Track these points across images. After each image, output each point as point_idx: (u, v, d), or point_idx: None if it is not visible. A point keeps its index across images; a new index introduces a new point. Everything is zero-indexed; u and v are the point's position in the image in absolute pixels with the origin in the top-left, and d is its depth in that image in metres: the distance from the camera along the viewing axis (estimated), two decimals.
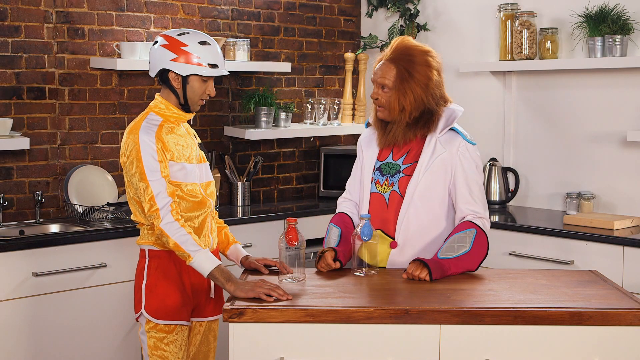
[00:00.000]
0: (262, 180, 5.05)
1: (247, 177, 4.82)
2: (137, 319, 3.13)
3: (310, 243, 4.31)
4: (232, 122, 4.90)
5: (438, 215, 3.04)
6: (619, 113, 4.35)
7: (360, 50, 5.28)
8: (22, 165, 4.11)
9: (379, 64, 3.08)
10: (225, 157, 4.78)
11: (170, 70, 3.06)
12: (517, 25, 4.53)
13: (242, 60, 4.61)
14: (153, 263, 3.09)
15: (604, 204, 4.42)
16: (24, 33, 4.08)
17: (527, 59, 4.52)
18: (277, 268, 2.98)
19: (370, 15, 5.35)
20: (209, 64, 3.08)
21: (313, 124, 5.06)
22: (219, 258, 3.30)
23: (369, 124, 3.23)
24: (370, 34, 5.28)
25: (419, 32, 5.12)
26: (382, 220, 3.04)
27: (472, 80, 4.95)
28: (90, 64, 4.30)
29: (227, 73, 3.16)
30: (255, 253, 4.35)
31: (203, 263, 2.88)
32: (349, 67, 5.25)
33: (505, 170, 4.74)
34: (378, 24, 5.37)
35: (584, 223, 4.07)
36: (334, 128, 5.08)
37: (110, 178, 4.24)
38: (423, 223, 3.02)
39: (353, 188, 3.23)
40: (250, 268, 3.14)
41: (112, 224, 3.98)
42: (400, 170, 3.05)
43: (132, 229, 3.84)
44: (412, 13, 5.13)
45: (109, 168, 4.37)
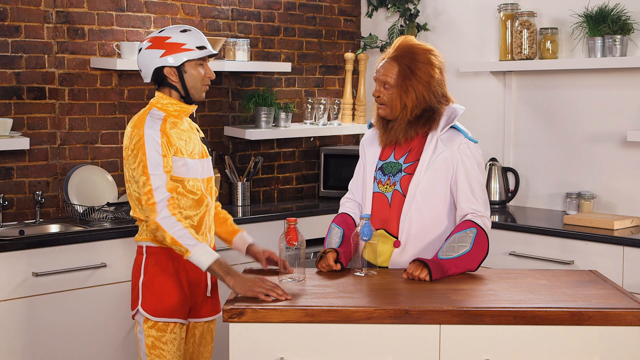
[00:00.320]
0: (262, 180, 5.05)
1: (247, 177, 4.82)
2: (133, 317, 3.11)
3: (310, 243, 4.31)
4: (232, 122, 4.90)
5: (440, 214, 3.04)
6: (619, 113, 4.35)
7: (360, 50, 5.28)
8: (22, 165, 4.11)
9: (382, 62, 3.08)
10: (225, 157, 4.78)
11: (164, 67, 3.06)
12: (517, 25, 4.53)
13: (242, 60, 4.61)
14: (151, 260, 3.07)
15: (604, 204, 4.42)
16: (24, 33, 4.08)
17: (527, 59, 4.52)
18: (277, 267, 2.99)
19: (370, 15, 5.35)
20: (197, 47, 3.08)
21: (313, 124, 5.06)
22: None
23: (372, 125, 3.23)
24: (370, 34, 5.29)
25: (419, 32, 5.12)
26: (385, 220, 3.04)
27: (472, 80, 4.95)
28: (90, 64, 4.30)
29: (216, 52, 3.16)
30: None
31: (201, 257, 2.86)
32: (349, 67, 5.25)
33: (505, 170, 4.74)
34: (378, 24, 5.37)
35: (584, 223, 4.07)
36: (334, 128, 5.08)
37: (110, 178, 4.24)
38: (425, 221, 3.02)
39: (356, 188, 3.23)
40: (252, 255, 3.14)
41: (112, 224, 3.98)
42: (402, 169, 3.05)
43: (132, 229, 3.84)
44: (412, 13, 5.13)
45: (109, 168, 4.37)
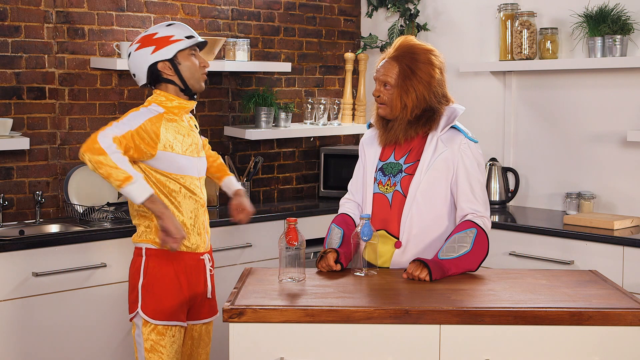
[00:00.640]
0: (262, 180, 5.05)
1: (247, 177, 4.82)
2: (131, 320, 3.10)
3: (310, 243, 4.31)
4: (232, 122, 4.90)
5: (441, 214, 3.04)
6: (619, 113, 4.35)
7: (360, 50, 5.28)
8: (22, 165, 4.11)
9: (382, 62, 3.08)
10: (225, 157, 4.78)
11: (157, 63, 3.05)
12: (517, 25, 4.53)
13: (242, 60, 4.61)
14: (150, 262, 3.07)
15: (604, 204, 4.42)
16: (24, 33, 4.08)
17: (527, 59, 4.52)
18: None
19: (370, 15, 5.35)
20: (185, 37, 3.09)
21: (313, 124, 5.06)
22: (213, 259, 3.26)
23: (371, 125, 3.23)
24: (370, 34, 5.29)
25: (419, 32, 5.12)
26: (385, 221, 3.04)
27: (472, 80, 4.95)
28: (90, 64, 4.30)
29: (205, 40, 3.16)
30: (255, 253, 4.36)
31: (138, 190, 2.88)
32: (349, 67, 5.25)
33: (505, 170, 4.74)
34: (378, 24, 5.37)
35: (584, 223, 4.07)
36: (334, 128, 5.08)
37: None
38: (426, 222, 3.02)
39: (355, 189, 3.23)
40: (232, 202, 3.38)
41: (112, 224, 3.98)
42: (403, 170, 3.05)
43: (132, 229, 3.84)
44: (412, 13, 5.13)
45: None
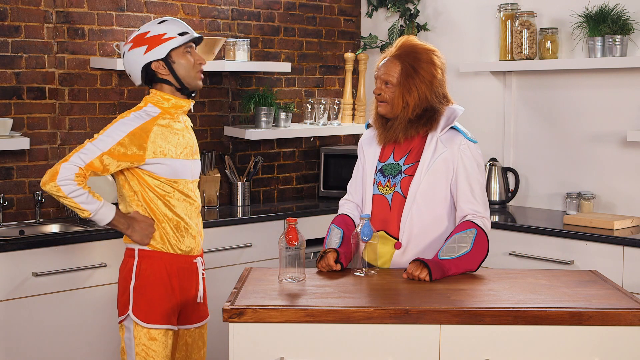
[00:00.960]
0: (262, 180, 5.05)
1: (247, 177, 4.82)
2: (120, 322, 3.05)
3: (310, 243, 4.31)
4: (232, 122, 4.90)
5: (441, 215, 3.03)
6: (619, 113, 4.35)
7: (360, 50, 5.28)
8: (22, 165, 4.11)
9: (383, 61, 3.07)
10: (225, 157, 4.78)
11: (151, 63, 3.02)
12: (517, 25, 4.53)
13: (242, 60, 4.61)
14: (143, 264, 3.03)
15: (604, 204, 4.42)
16: (24, 33, 4.08)
17: (527, 59, 4.52)
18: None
19: (370, 15, 5.35)
20: (178, 34, 3.04)
21: (313, 124, 5.06)
22: (204, 263, 3.24)
23: (369, 125, 3.22)
24: (370, 34, 5.28)
25: (419, 32, 5.12)
26: (385, 222, 3.04)
27: (472, 80, 4.95)
28: (90, 64, 4.29)
29: (199, 36, 3.12)
30: (256, 253, 4.37)
31: (103, 214, 2.97)
32: (349, 67, 5.25)
33: (505, 170, 4.74)
34: (378, 24, 5.37)
35: (584, 223, 4.07)
36: (334, 128, 5.08)
37: (111, 178, 4.24)
38: (426, 223, 3.01)
39: (354, 190, 3.22)
40: None
41: None
42: (402, 171, 3.04)
43: None
44: (412, 13, 5.13)
45: None
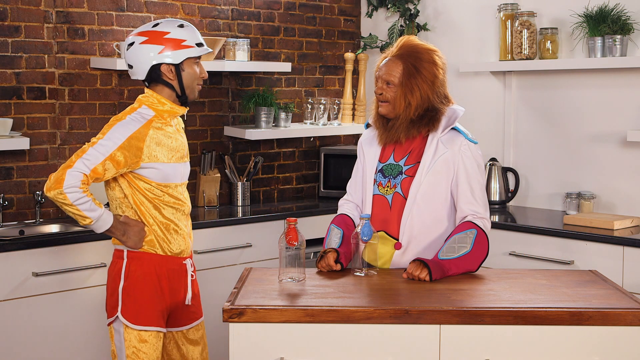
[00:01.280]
0: (262, 180, 5.05)
1: (247, 177, 4.82)
2: (109, 324, 3.02)
3: (310, 243, 4.31)
4: (232, 122, 4.90)
5: (441, 215, 3.03)
6: (619, 113, 4.35)
7: (360, 50, 5.28)
8: (22, 165, 4.11)
9: (385, 61, 3.06)
10: (225, 157, 4.78)
11: (162, 64, 2.98)
12: (517, 25, 4.53)
13: (242, 60, 4.60)
14: (132, 265, 3.01)
15: (604, 204, 4.42)
16: (24, 33, 4.08)
17: (527, 59, 4.52)
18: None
19: (370, 15, 5.35)
20: (196, 44, 3.01)
21: (313, 124, 5.06)
22: (194, 264, 3.22)
23: (369, 125, 3.22)
24: (370, 34, 5.28)
25: (419, 32, 5.12)
26: (385, 222, 3.04)
27: (472, 80, 4.95)
28: (90, 64, 4.29)
29: (212, 50, 3.13)
30: (255, 253, 4.36)
31: (98, 228, 2.98)
32: (349, 67, 5.25)
33: (505, 170, 4.74)
34: (378, 24, 5.37)
35: (584, 223, 4.07)
36: (334, 128, 5.08)
37: None
38: (426, 223, 3.01)
39: (354, 190, 3.22)
40: None
41: None
42: (403, 172, 3.04)
43: None
44: (412, 13, 5.13)
45: None
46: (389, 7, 5.22)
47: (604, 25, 4.20)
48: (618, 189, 4.38)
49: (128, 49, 3.02)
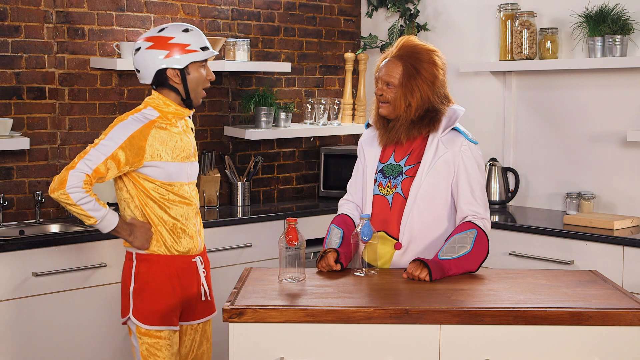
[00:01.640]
0: (262, 180, 5.05)
1: (247, 177, 4.82)
2: (124, 323, 3.11)
3: (310, 243, 4.31)
4: (232, 122, 4.90)
5: (441, 216, 3.03)
6: (619, 113, 4.35)
7: (360, 50, 5.28)
8: (22, 165, 4.11)
9: (384, 61, 3.06)
10: (225, 157, 4.78)
11: (168, 68, 3.03)
12: (517, 25, 4.53)
13: (242, 60, 4.61)
14: (141, 267, 3.07)
15: (604, 204, 4.42)
16: (24, 33, 4.08)
17: (527, 59, 4.52)
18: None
19: (370, 15, 5.35)
20: (201, 48, 3.06)
21: (313, 124, 5.06)
22: (208, 260, 3.26)
23: (369, 125, 3.22)
24: (370, 34, 5.28)
25: (419, 32, 5.12)
26: (385, 222, 3.03)
27: (472, 80, 4.95)
28: (90, 64, 4.29)
29: (217, 52, 3.17)
30: (255, 253, 4.37)
31: (106, 222, 3.02)
32: (349, 67, 5.25)
33: (505, 170, 4.74)
34: (378, 24, 5.37)
35: (584, 223, 4.07)
36: (334, 128, 5.08)
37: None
38: (426, 224, 3.01)
39: (354, 190, 3.22)
40: None
41: None
42: (403, 172, 3.04)
43: None
44: (412, 13, 5.13)
45: None
46: (389, 7, 5.22)
47: (604, 25, 4.20)
48: (618, 189, 4.38)
49: (135, 54, 3.09)
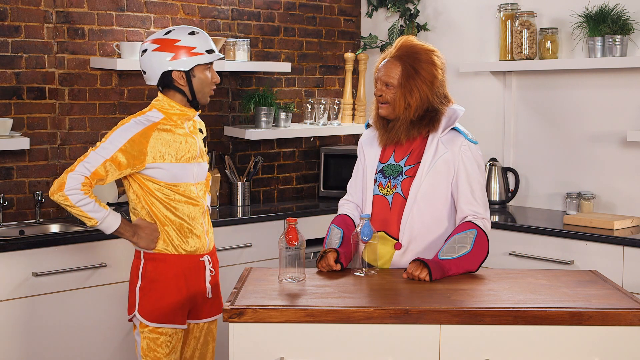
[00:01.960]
0: (262, 180, 5.05)
1: (247, 177, 4.82)
2: (130, 320, 3.14)
3: (310, 243, 4.31)
4: (232, 122, 4.90)
5: (441, 216, 3.03)
6: (619, 113, 4.35)
7: (360, 50, 5.28)
8: (22, 165, 4.11)
9: (384, 62, 3.06)
10: (225, 157, 4.78)
11: (173, 71, 3.05)
12: (517, 25, 4.53)
13: (242, 60, 4.61)
14: (148, 265, 3.09)
15: (604, 204, 4.42)
16: (24, 33, 4.08)
17: (527, 59, 4.52)
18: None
19: (370, 15, 5.35)
20: (206, 51, 3.09)
21: (313, 124, 5.06)
22: (217, 260, 3.28)
23: (369, 125, 3.22)
24: (370, 34, 5.28)
25: (419, 32, 5.12)
26: (385, 222, 3.03)
27: (472, 80, 4.95)
28: (90, 64, 4.30)
29: (223, 56, 3.19)
30: (255, 253, 4.37)
31: (108, 222, 3.03)
32: (349, 67, 5.25)
33: (505, 170, 4.74)
34: (378, 24, 5.37)
35: (584, 223, 4.07)
36: (334, 128, 5.08)
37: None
38: (426, 224, 3.01)
39: (354, 190, 3.22)
40: None
41: None
42: (403, 172, 3.04)
43: None
44: (412, 13, 5.13)
45: None
46: (389, 7, 5.22)
47: (604, 25, 4.20)
48: (618, 189, 4.38)
49: (142, 56, 3.12)
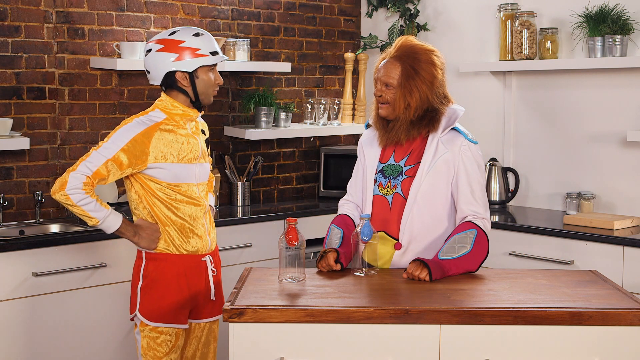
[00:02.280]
0: (262, 180, 5.05)
1: (247, 177, 4.82)
2: (131, 319, 3.15)
3: (310, 243, 4.31)
4: (232, 122, 4.90)
5: (441, 216, 3.03)
6: (619, 113, 4.35)
7: (360, 50, 5.28)
8: (22, 165, 4.11)
9: (383, 62, 3.06)
10: (225, 157, 4.78)
11: (177, 71, 3.06)
12: (517, 25, 4.53)
13: (242, 60, 4.61)
14: (150, 265, 3.10)
15: (604, 204, 4.42)
16: (24, 33, 4.08)
17: (527, 59, 4.52)
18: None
19: (370, 15, 5.35)
20: (210, 52, 3.09)
21: (313, 124, 5.06)
22: (219, 260, 3.29)
23: (369, 125, 3.22)
24: (370, 34, 5.28)
25: (419, 32, 5.12)
26: (385, 222, 3.03)
27: (472, 80, 4.95)
28: (90, 64, 4.30)
29: (227, 58, 3.20)
30: (255, 253, 4.37)
31: (109, 222, 3.04)
32: (349, 67, 5.25)
33: (505, 170, 4.74)
34: (378, 24, 5.37)
35: (584, 223, 4.07)
36: (334, 128, 5.08)
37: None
38: (426, 224, 3.01)
39: (354, 190, 3.22)
40: None
41: None
42: (403, 172, 3.04)
43: None
44: (412, 13, 5.13)
45: None
46: (389, 7, 5.22)
47: (604, 25, 4.20)
48: (618, 189, 4.38)
49: (146, 55, 3.13)
